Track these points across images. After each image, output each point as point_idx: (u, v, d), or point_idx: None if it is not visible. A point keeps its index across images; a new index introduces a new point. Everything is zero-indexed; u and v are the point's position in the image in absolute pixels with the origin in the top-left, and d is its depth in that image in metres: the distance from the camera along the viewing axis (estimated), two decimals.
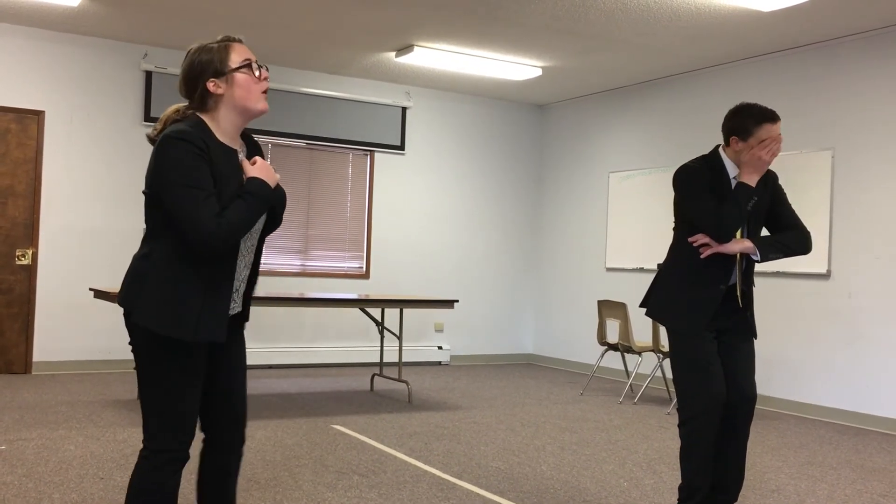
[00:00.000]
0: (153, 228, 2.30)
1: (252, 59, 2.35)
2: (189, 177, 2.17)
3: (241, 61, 2.32)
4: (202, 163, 2.20)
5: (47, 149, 7.22)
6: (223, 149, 2.30)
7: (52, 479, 3.89)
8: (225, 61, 2.31)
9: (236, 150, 2.35)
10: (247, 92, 2.32)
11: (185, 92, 2.35)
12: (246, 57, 2.34)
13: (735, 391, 3.25)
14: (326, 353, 8.39)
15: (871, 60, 6.29)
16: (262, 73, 2.35)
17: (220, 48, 2.33)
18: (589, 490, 4.10)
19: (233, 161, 2.31)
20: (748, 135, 3.19)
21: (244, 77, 2.32)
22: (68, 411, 5.53)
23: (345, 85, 8.53)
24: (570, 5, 5.98)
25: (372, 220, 8.70)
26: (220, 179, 2.24)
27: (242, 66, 2.32)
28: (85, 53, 7.38)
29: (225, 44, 2.34)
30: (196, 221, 2.15)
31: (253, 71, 2.34)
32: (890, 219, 6.12)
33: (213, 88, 2.30)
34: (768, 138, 3.17)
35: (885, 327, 6.11)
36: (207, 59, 2.31)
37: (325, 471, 4.24)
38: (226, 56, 2.31)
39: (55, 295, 7.24)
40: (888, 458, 5.11)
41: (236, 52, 2.33)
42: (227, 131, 2.34)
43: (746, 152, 3.19)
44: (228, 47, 2.33)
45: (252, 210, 2.24)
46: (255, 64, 2.35)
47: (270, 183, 2.32)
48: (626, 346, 6.86)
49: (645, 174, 8.19)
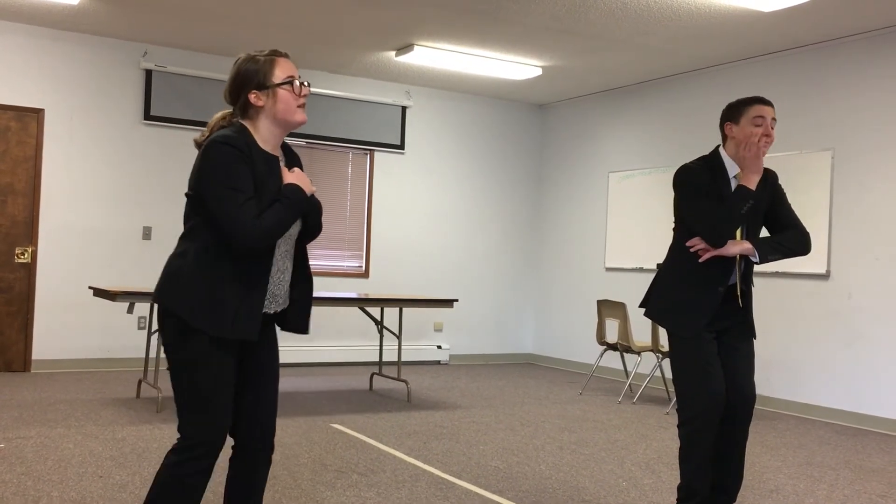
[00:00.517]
0: (191, 229, 2.38)
1: (295, 75, 2.44)
2: (232, 179, 2.28)
3: (284, 77, 2.42)
4: (244, 167, 2.31)
5: (47, 147, 7.22)
6: (265, 156, 2.40)
7: (51, 478, 3.89)
8: (269, 76, 2.41)
9: (277, 157, 2.45)
10: (286, 106, 2.42)
11: (230, 99, 2.47)
12: (289, 73, 2.43)
13: (734, 392, 3.25)
14: (326, 352, 8.39)
15: (872, 61, 6.29)
16: (304, 89, 2.45)
17: (265, 62, 2.42)
18: (588, 489, 4.10)
19: (273, 167, 2.41)
20: (740, 115, 3.25)
21: (285, 93, 2.42)
22: (67, 409, 5.53)
23: (345, 84, 8.52)
24: (570, 5, 5.98)
25: (371, 219, 8.70)
26: (260, 183, 2.34)
27: (285, 82, 2.41)
28: (85, 51, 7.38)
29: (271, 58, 2.43)
30: (236, 221, 2.25)
31: (294, 88, 2.42)
32: (890, 219, 6.12)
33: (255, 100, 2.41)
34: (759, 115, 3.20)
35: (884, 328, 6.11)
36: (253, 71, 2.42)
37: (323, 470, 4.24)
38: (270, 70, 2.41)
39: (54, 293, 7.24)
40: (887, 459, 5.12)
41: (280, 67, 2.42)
42: (267, 140, 2.44)
43: (741, 136, 3.21)
44: (274, 62, 2.42)
45: (288, 213, 2.34)
46: (297, 81, 2.44)
47: (306, 190, 2.42)
48: (626, 346, 6.86)
49: (645, 174, 8.19)
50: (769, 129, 3.22)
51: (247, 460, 2.55)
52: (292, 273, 2.55)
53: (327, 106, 8.41)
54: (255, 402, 2.51)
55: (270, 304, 2.47)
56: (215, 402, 2.36)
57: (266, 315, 2.49)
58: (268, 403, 2.54)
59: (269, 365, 2.54)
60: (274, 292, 2.47)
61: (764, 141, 3.21)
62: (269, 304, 2.47)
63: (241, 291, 2.34)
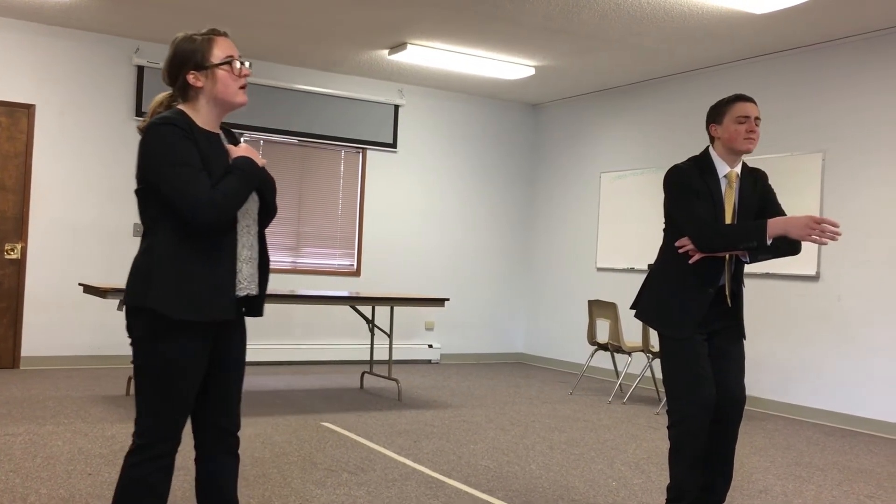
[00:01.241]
0: (149, 224, 2.32)
1: (234, 55, 2.36)
2: (177, 155, 2.22)
3: (223, 57, 2.34)
4: (188, 142, 2.25)
5: (38, 143, 7.19)
6: (206, 134, 2.34)
7: (40, 475, 3.87)
8: (207, 55, 2.33)
9: (219, 134, 2.40)
10: (226, 87, 2.35)
11: (168, 80, 2.39)
12: (228, 53, 2.35)
13: (725, 394, 3.25)
14: (317, 351, 8.38)
15: (864, 63, 6.32)
16: (243, 70, 2.37)
17: (203, 41, 2.34)
18: (577, 489, 4.11)
19: (216, 145, 2.35)
20: (722, 115, 3.26)
21: (224, 74, 2.34)
22: (56, 406, 5.51)
23: (337, 82, 8.51)
24: (563, 5, 5.99)
25: (363, 217, 8.69)
26: (207, 160, 2.28)
27: (224, 62, 2.34)
28: (76, 47, 7.35)
29: (209, 37, 2.35)
30: (189, 195, 2.19)
31: (233, 68, 2.35)
32: (880, 222, 6.15)
33: (193, 81, 2.34)
34: (742, 115, 3.20)
35: (873, 330, 6.14)
36: (191, 51, 2.34)
37: (314, 468, 4.24)
38: (208, 50, 2.34)
39: (44, 290, 7.21)
40: (875, 460, 5.14)
41: (219, 46, 2.35)
42: (207, 121, 2.38)
43: (726, 136, 3.22)
44: (212, 41, 2.35)
45: (243, 183, 2.28)
46: (237, 61, 2.36)
47: (257, 162, 2.36)
48: (616, 346, 6.87)
49: (637, 174, 8.21)
50: (753, 126, 3.23)
51: (213, 454, 2.47)
52: None
53: (320, 104, 8.39)
54: (223, 391, 2.44)
55: (240, 285, 2.39)
56: (179, 400, 2.31)
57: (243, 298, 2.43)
58: (235, 392, 2.47)
59: (238, 353, 2.47)
60: (243, 272, 2.39)
61: (749, 137, 3.21)
62: (238, 286, 2.39)
63: (210, 272, 2.28)
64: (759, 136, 3.26)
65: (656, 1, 5.80)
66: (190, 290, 2.25)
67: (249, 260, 2.41)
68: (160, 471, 2.31)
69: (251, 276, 2.43)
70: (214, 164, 2.29)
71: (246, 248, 2.39)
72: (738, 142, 3.23)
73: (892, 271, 6.05)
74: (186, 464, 2.38)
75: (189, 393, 2.33)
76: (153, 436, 2.30)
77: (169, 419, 2.31)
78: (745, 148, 3.24)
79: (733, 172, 3.28)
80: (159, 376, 2.29)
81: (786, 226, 3.07)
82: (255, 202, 2.43)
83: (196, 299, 2.26)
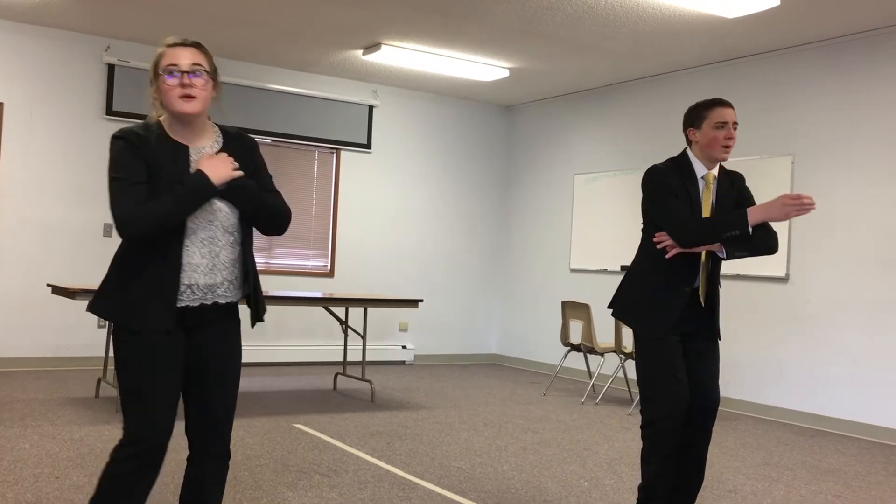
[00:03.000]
0: None
1: (175, 64, 2.34)
2: (117, 169, 2.29)
3: (163, 67, 2.36)
4: (132, 155, 2.30)
5: (6, 141, 7.08)
6: (171, 145, 2.37)
7: (7, 479, 3.81)
8: (155, 68, 2.38)
9: (185, 147, 2.39)
10: (166, 96, 2.36)
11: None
12: (171, 62, 2.35)
13: (699, 395, 3.26)
14: (289, 352, 8.34)
15: (831, 68, 6.41)
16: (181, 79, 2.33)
17: (159, 52, 2.39)
18: (550, 490, 4.12)
19: (179, 156, 2.37)
20: (701, 120, 3.27)
21: (162, 84, 2.36)
22: (24, 409, 5.43)
23: (311, 82, 8.48)
24: (537, 7, 6.01)
25: (337, 218, 8.66)
26: (157, 172, 2.31)
27: (160, 73, 2.36)
28: (46, 45, 7.25)
29: (162, 49, 2.39)
30: (115, 208, 2.26)
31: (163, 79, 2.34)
32: (848, 225, 6.24)
33: (153, 94, 2.40)
34: (721, 121, 3.22)
35: (841, 331, 6.22)
36: (151, 64, 2.41)
37: (285, 470, 4.21)
38: (157, 62, 2.38)
39: (12, 290, 7.10)
40: (843, 460, 5.21)
41: (166, 57, 2.37)
42: (175, 130, 2.40)
43: (705, 141, 3.24)
44: (162, 54, 2.38)
45: (177, 202, 2.27)
46: (175, 70, 2.34)
47: (215, 177, 2.32)
48: (589, 347, 6.91)
49: (610, 176, 8.25)
50: (731, 132, 3.25)
51: (196, 462, 2.50)
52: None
53: (293, 104, 8.36)
54: (203, 401, 2.46)
55: (193, 295, 2.37)
56: (149, 399, 2.33)
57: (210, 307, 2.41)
58: (217, 403, 2.46)
59: (221, 362, 2.46)
60: (207, 282, 2.38)
61: (727, 145, 3.24)
62: (205, 295, 2.38)
63: (150, 283, 2.32)
64: (735, 141, 3.29)
65: (629, 5, 5.84)
66: (127, 301, 2.32)
67: (210, 271, 2.38)
68: (139, 469, 2.32)
69: (210, 286, 2.39)
70: (168, 177, 2.30)
71: (206, 259, 2.37)
72: (715, 149, 3.24)
73: (860, 273, 6.14)
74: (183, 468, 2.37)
75: (157, 394, 2.33)
76: (130, 433, 2.34)
77: (143, 418, 2.33)
78: (721, 157, 3.26)
79: (710, 174, 3.30)
80: (127, 375, 2.36)
81: (766, 212, 3.10)
82: (228, 213, 2.41)
83: (133, 310, 2.32)
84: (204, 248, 2.37)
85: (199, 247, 2.37)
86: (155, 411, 2.33)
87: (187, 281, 2.35)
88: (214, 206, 2.37)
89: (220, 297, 2.43)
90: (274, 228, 2.52)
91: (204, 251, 2.37)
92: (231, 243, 2.43)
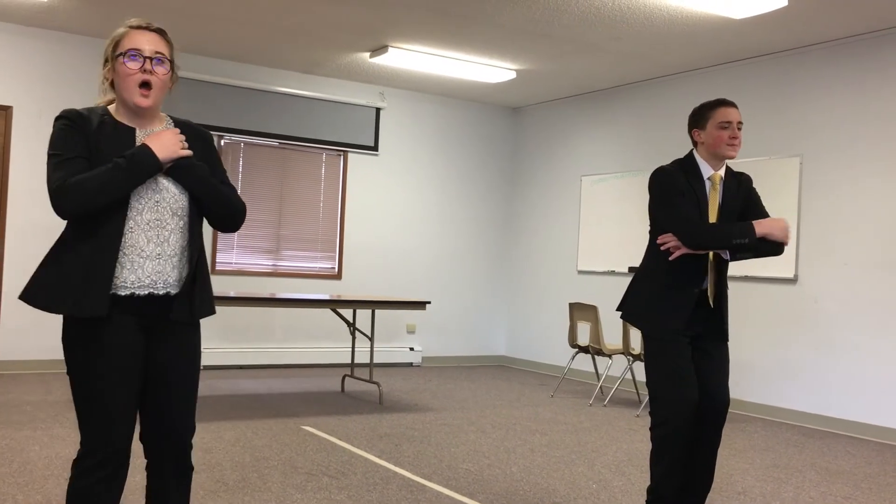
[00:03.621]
0: None
1: (139, 49, 2.19)
2: (54, 146, 2.15)
3: (123, 49, 2.19)
4: (71, 133, 2.15)
5: (14, 145, 7.12)
6: (116, 126, 2.22)
7: (16, 480, 3.83)
8: (115, 48, 2.22)
9: (133, 129, 2.24)
10: (122, 82, 2.20)
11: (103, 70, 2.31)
12: (132, 46, 2.19)
13: (708, 397, 3.25)
14: (297, 354, 8.35)
15: (840, 68, 6.39)
16: (143, 64, 2.18)
17: (120, 33, 2.23)
18: (558, 492, 4.12)
19: (123, 136, 2.22)
20: (705, 121, 3.29)
21: (121, 67, 2.19)
22: (33, 411, 5.45)
23: (318, 85, 8.49)
24: (544, 9, 6.01)
25: (345, 220, 8.67)
26: (98, 152, 2.15)
27: (119, 54, 2.19)
28: (55, 48, 7.28)
29: (126, 29, 2.24)
30: (48, 182, 2.11)
31: (126, 62, 2.18)
32: (856, 225, 6.21)
33: (106, 74, 2.25)
34: (725, 120, 3.23)
35: (850, 332, 6.20)
36: (108, 42, 2.24)
37: (294, 472, 4.22)
38: (119, 42, 2.22)
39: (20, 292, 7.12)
40: (852, 462, 5.19)
41: (128, 39, 2.21)
42: (124, 115, 2.26)
43: (710, 141, 3.25)
44: (126, 33, 2.23)
45: (114, 174, 2.10)
46: (139, 55, 2.18)
47: (161, 152, 2.16)
48: (597, 349, 6.90)
49: (617, 178, 8.24)
50: (735, 132, 3.26)
51: (154, 472, 2.33)
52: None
53: (301, 106, 8.37)
54: (158, 404, 2.27)
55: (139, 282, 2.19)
56: (103, 403, 2.16)
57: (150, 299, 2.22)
58: (173, 407, 2.27)
59: (173, 362, 2.27)
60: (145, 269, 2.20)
61: (732, 143, 3.24)
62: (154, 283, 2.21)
63: (86, 266, 2.13)
64: (741, 141, 3.29)
65: (637, 5, 5.83)
66: (60, 285, 2.15)
67: (158, 257, 2.21)
68: (102, 481, 2.17)
69: (159, 273, 2.22)
70: (103, 154, 2.15)
71: (153, 244, 2.20)
72: (720, 147, 3.25)
73: (869, 274, 6.12)
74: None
75: (112, 395, 2.16)
76: (88, 443, 2.18)
77: (99, 425, 2.16)
78: (728, 154, 3.27)
79: (717, 175, 3.30)
80: (77, 379, 2.19)
81: (770, 228, 3.18)
82: (177, 194, 2.24)
83: (65, 294, 2.13)
84: (150, 232, 2.20)
85: (146, 230, 2.20)
86: (115, 419, 2.16)
87: (131, 266, 2.18)
88: (160, 185, 2.21)
89: (172, 287, 2.24)
90: (226, 220, 2.35)
91: (150, 234, 2.20)
92: (181, 227, 2.25)
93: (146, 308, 2.23)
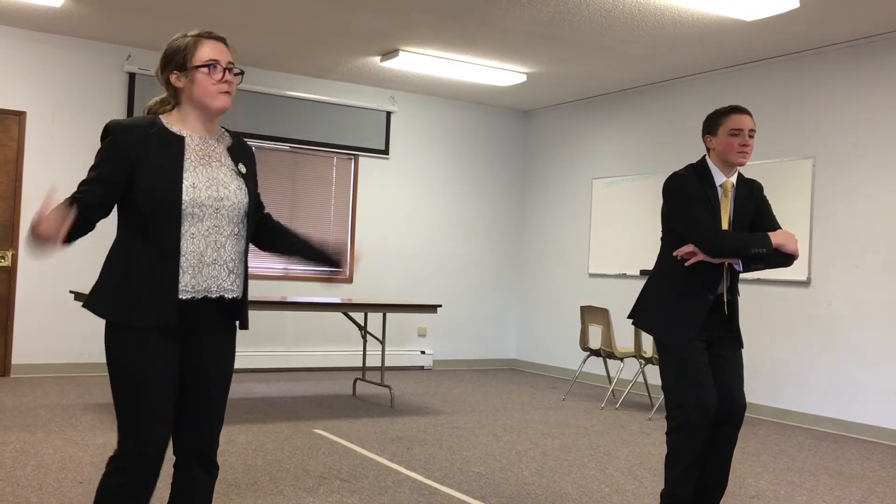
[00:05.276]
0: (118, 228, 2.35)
1: (218, 60, 2.29)
2: (94, 163, 2.26)
3: (205, 60, 2.28)
4: (110, 153, 2.23)
5: (28, 150, 7.17)
6: (165, 134, 2.27)
7: (31, 483, 3.85)
8: (190, 57, 2.28)
9: (182, 137, 2.29)
10: (203, 90, 2.28)
11: (160, 77, 2.35)
12: (212, 57, 2.28)
13: (725, 401, 3.25)
14: (309, 358, 8.37)
15: (852, 70, 6.36)
16: (226, 76, 2.30)
17: (190, 41, 2.30)
18: (570, 495, 4.11)
19: (172, 145, 2.26)
20: (717, 127, 3.29)
21: (202, 76, 2.28)
22: (47, 415, 5.48)
23: (329, 89, 8.52)
24: (554, 12, 6.01)
25: (356, 224, 8.69)
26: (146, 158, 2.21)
27: (203, 66, 2.28)
28: (68, 54, 7.33)
29: (197, 38, 2.31)
30: None
31: (212, 72, 2.28)
32: (869, 227, 6.18)
33: (175, 81, 2.31)
34: (736, 127, 3.23)
35: (863, 335, 6.16)
36: (175, 50, 2.30)
37: (306, 475, 4.23)
38: (193, 51, 2.29)
39: (35, 297, 7.18)
40: (866, 465, 5.16)
41: (205, 48, 2.29)
42: (189, 122, 2.32)
43: (721, 148, 3.25)
44: (198, 42, 2.30)
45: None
46: (219, 66, 2.29)
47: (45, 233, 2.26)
48: (609, 352, 6.88)
49: (628, 181, 8.23)
50: (746, 139, 3.25)
51: (181, 471, 2.38)
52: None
53: (312, 111, 8.40)
54: (191, 407, 2.32)
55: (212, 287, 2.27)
56: (142, 408, 2.20)
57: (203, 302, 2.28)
58: (205, 409, 2.34)
59: (210, 365, 2.33)
60: (203, 273, 2.25)
61: (742, 151, 3.24)
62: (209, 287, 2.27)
63: (151, 275, 2.20)
64: (752, 149, 3.28)
65: (647, 8, 5.83)
66: (124, 294, 2.21)
67: (214, 263, 2.27)
68: (134, 483, 2.22)
69: (214, 278, 2.28)
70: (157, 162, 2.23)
71: (210, 249, 2.26)
72: (731, 154, 3.26)
73: (882, 276, 6.08)
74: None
75: (153, 399, 2.21)
76: (125, 444, 2.23)
77: (137, 427, 2.21)
78: (738, 161, 3.27)
79: (729, 182, 3.30)
80: (119, 382, 2.23)
81: (784, 239, 3.22)
82: (236, 203, 2.31)
83: (130, 303, 2.20)
84: (210, 237, 2.27)
85: (205, 235, 2.26)
86: (152, 419, 2.22)
87: (192, 272, 2.24)
88: (220, 193, 2.27)
89: (226, 292, 2.31)
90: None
91: (209, 240, 2.27)
92: (236, 235, 2.32)
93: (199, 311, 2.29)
